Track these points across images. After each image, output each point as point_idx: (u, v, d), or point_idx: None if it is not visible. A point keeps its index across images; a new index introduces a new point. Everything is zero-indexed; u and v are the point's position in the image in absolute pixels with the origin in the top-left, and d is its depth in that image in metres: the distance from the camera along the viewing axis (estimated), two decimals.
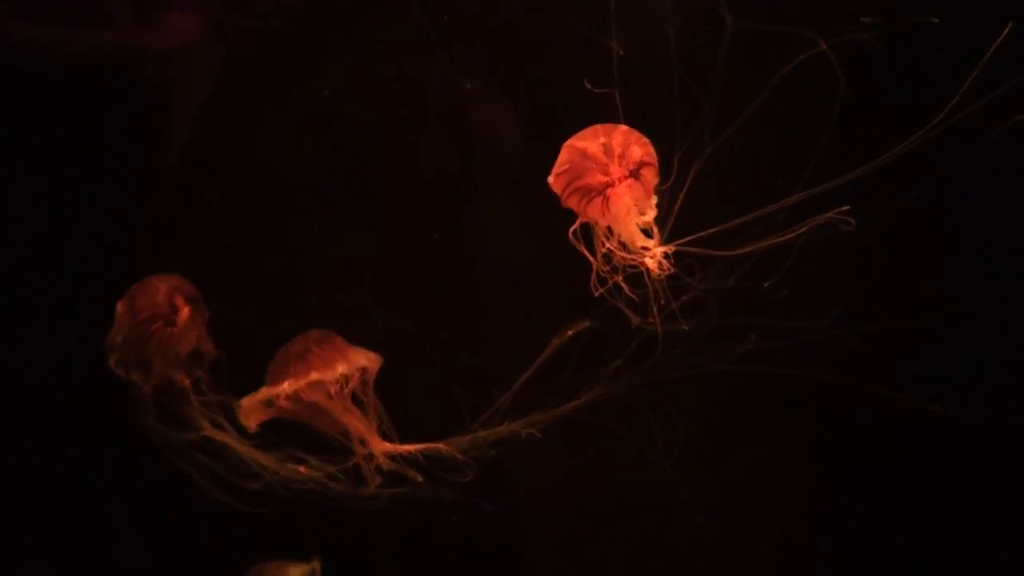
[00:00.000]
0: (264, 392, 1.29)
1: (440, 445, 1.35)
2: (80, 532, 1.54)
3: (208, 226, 1.48)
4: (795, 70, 1.22)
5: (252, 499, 1.33)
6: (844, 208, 1.20)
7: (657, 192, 1.26)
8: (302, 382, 1.26)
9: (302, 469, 1.33)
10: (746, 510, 1.59)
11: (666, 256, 1.26)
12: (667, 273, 1.26)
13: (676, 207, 1.26)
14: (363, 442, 1.34)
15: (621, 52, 1.25)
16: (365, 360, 1.32)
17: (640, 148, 1.25)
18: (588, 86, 1.26)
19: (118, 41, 1.45)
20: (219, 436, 1.32)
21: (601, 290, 1.29)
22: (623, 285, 1.27)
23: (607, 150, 1.24)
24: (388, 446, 1.36)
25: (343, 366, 1.29)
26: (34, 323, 1.46)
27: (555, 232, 1.29)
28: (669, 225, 1.26)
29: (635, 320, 1.30)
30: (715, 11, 1.21)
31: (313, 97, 1.46)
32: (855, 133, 1.29)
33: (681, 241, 1.26)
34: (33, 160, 1.44)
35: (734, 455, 1.56)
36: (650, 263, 1.26)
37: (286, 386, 1.26)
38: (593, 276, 1.27)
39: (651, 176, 1.26)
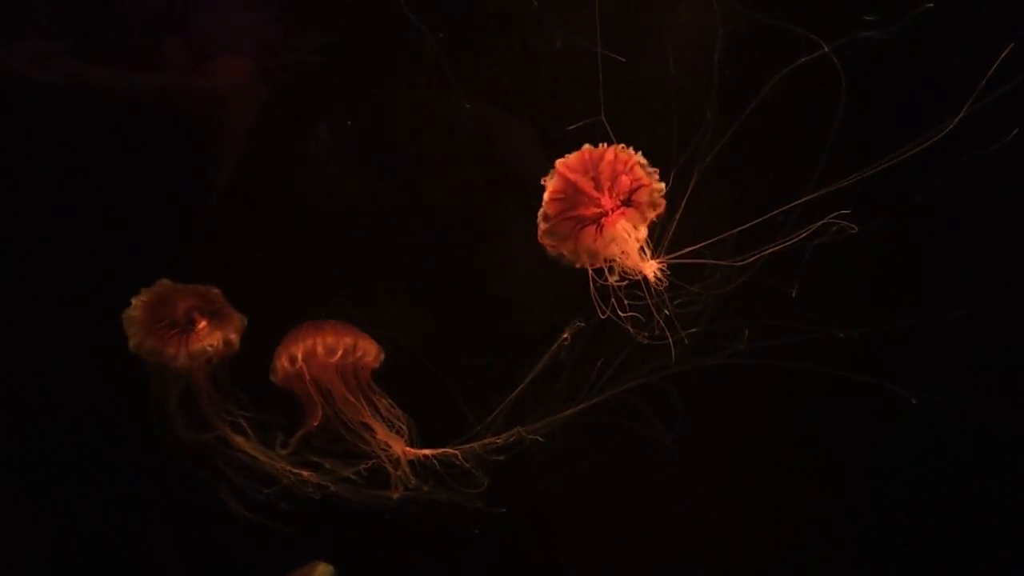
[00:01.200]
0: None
1: (452, 450, 1.41)
2: (102, 541, 1.62)
3: (250, 258, 1.55)
4: (794, 75, 1.24)
5: (269, 506, 1.39)
6: (845, 212, 1.18)
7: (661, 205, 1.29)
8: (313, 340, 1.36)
9: (306, 475, 1.37)
10: (759, 507, 1.61)
11: (664, 269, 1.26)
12: (664, 285, 1.26)
13: (677, 215, 1.28)
14: (385, 445, 1.40)
15: (622, 59, 1.27)
16: (374, 346, 1.39)
17: (627, 176, 1.25)
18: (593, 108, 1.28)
19: (170, 83, 1.53)
20: (238, 439, 1.38)
21: (607, 313, 1.32)
22: (614, 302, 1.30)
23: (597, 183, 1.25)
24: (410, 450, 1.42)
25: (352, 339, 1.40)
26: (84, 350, 1.53)
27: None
28: (669, 234, 1.30)
29: (641, 338, 1.30)
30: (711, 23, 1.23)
31: (349, 130, 1.54)
32: (855, 137, 1.29)
33: (677, 254, 1.26)
34: (85, 195, 1.52)
35: (743, 452, 1.59)
36: (649, 275, 1.26)
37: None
38: (592, 288, 1.28)
39: (645, 196, 1.26)
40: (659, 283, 1.29)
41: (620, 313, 1.31)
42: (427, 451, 1.43)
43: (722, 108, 1.30)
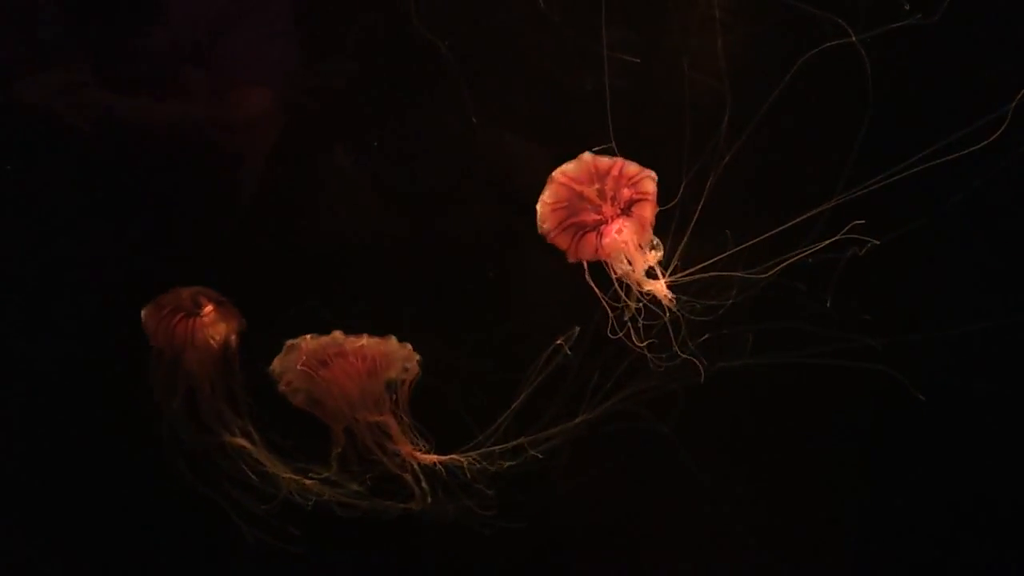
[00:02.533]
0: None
1: (459, 457, 1.41)
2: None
3: (268, 279, 1.55)
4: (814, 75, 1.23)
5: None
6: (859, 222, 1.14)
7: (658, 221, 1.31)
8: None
9: (307, 481, 1.41)
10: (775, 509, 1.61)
11: (673, 288, 1.22)
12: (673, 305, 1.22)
13: (689, 227, 1.29)
14: (397, 452, 1.42)
15: (637, 60, 1.26)
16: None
17: (629, 190, 1.27)
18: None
19: (192, 113, 1.55)
20: (246, 444, 1.41)
21: (620, 334, 1.33)
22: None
23: (600, 192, 1.26)
24: (420, 455, 1.43)
25: (367, 339, 1.39)
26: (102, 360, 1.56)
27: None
28: (679, 249, 1.30)
29: (657, 366, 1.32)
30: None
31: (366, 155, 1.55)
32: (873, 142, 1.28)
33: (689, 272, 1.21)
34: (109, 219, 1.55)
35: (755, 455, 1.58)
36: (659, 294, 1.22)
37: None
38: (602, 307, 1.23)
39: (646, 210, 1.23)
40: (669, 300, 1.25)
41: (631, 334, 1.30)
42: (435, 457, 1.43)
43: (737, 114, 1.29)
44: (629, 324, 1.31)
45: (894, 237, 1.28)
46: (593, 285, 1.32)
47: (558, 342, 1.38)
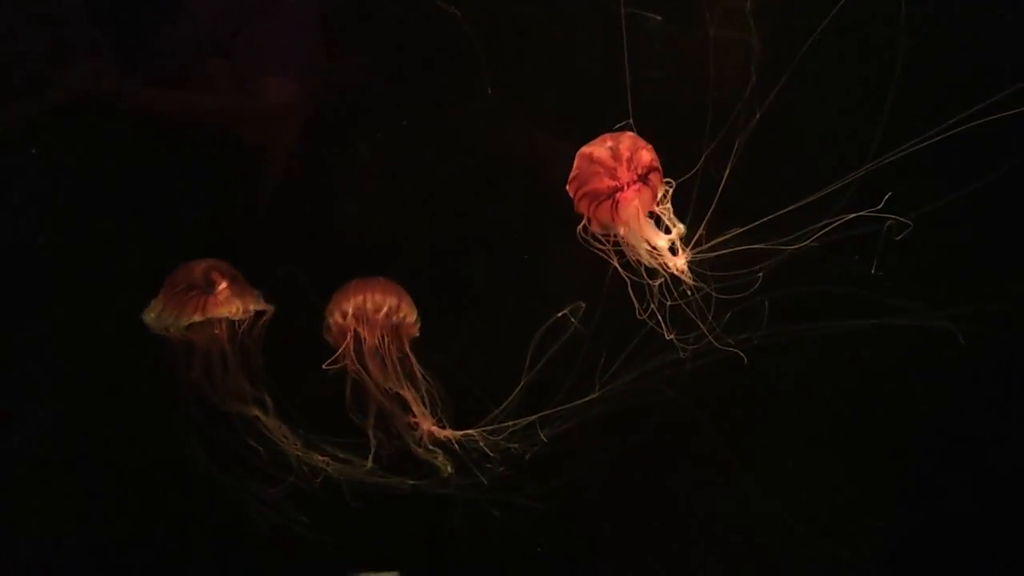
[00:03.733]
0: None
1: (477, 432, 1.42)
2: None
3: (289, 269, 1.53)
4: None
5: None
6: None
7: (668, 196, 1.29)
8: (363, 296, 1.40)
9: (320, 457, 1.41)
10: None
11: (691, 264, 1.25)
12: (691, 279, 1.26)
13: (715, 200, 1.27)
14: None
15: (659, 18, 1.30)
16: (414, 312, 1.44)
17: (648, 153, 1.26)
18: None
19: (216, 105, 1.56)
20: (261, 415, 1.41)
21: (643, 315, 1.32)
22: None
23: (615, 154, 1.25)
24: (437, 429, 1.44)
25: (396, 299, 1.42)
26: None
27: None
28: (701, 226, 1.28)
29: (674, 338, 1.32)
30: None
31: (388, 148, 1.54)
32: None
33: (703, 248, 1.20)
34: (133, 206, 1.54)
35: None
36: (675, 268, 1.19)
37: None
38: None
39: (658, 181, 1.21)
40: (689, 276, 1.26)
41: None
42: (451, 432, 1.43)
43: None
44: (654, 307, 1.29)
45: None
46: (620, 268, 1.31)
47: (563, 312, 1.37)
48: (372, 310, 1.43)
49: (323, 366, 1.43)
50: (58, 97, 1.51)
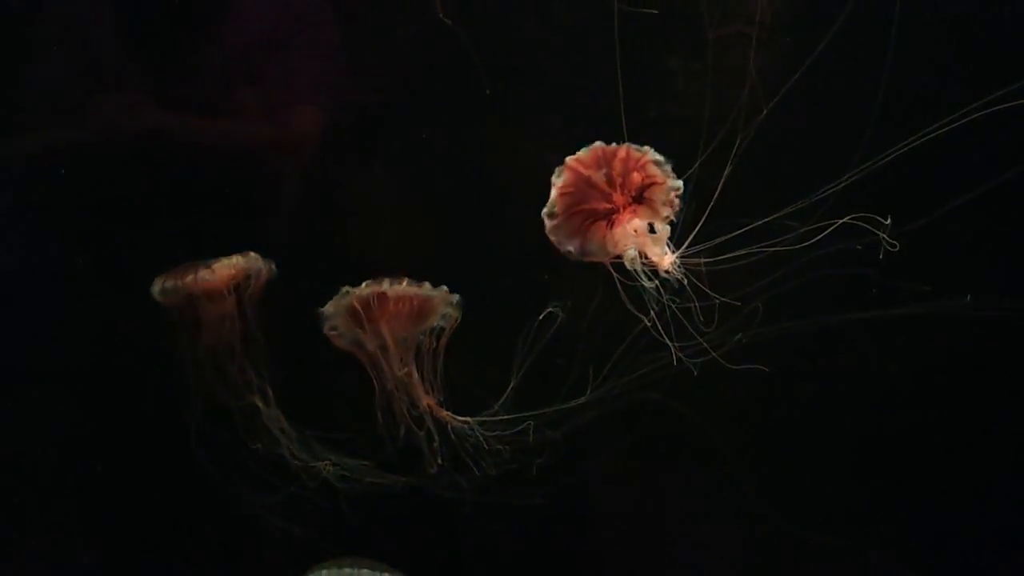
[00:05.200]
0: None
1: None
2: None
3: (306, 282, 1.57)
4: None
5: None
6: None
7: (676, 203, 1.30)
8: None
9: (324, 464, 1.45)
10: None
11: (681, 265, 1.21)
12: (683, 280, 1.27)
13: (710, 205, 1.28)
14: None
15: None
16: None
17: (639, 173, 1.27)
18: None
19: (242, 132, 1.60)
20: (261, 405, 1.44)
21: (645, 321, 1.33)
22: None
23: (609, 179, 1.28)
24: (435, 407, 1.46)
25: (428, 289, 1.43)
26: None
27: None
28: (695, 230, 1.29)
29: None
30: None
31: (401, 169, 1.59)
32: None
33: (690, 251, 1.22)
34: (164, 225, 1.59)
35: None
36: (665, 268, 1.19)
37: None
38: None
39: (659, 194, 1.20)
40: (677, 277, 1.27)
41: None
42: (449, 415, 1.45)
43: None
44: (654, 315, 1.31)
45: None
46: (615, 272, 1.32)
47: (549, 309, 1.39)
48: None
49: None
50: (95, 126, 1.58)
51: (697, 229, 1.28)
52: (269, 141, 1.62)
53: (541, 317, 1.41)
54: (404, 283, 1.44)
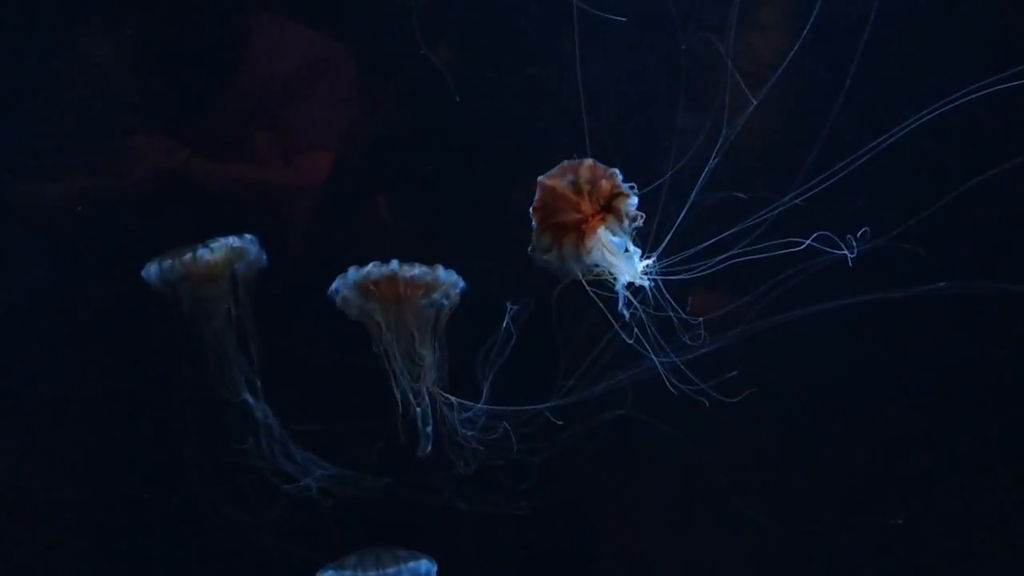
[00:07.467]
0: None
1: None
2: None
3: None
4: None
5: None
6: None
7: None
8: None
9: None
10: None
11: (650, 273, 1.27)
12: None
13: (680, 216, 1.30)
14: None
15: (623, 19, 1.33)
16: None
17: (608, 181, 1.27)
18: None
19: (259, 176, 1.65)
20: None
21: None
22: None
23: (576, 188, 1.27)
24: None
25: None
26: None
27: None
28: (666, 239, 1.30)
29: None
30: None
31: (404, 204, 1.64)
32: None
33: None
34: None
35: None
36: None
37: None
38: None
39: (624, 204, 1.27)
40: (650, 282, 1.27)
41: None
42: (448, 396, 1.46)
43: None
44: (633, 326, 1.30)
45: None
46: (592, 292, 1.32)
47: (513, 307, 1.40)
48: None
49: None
50: (116, 168, 1.63)
51: (666, 241, 1.27)
52: (281, 186, 1.66)
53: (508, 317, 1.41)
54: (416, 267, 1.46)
